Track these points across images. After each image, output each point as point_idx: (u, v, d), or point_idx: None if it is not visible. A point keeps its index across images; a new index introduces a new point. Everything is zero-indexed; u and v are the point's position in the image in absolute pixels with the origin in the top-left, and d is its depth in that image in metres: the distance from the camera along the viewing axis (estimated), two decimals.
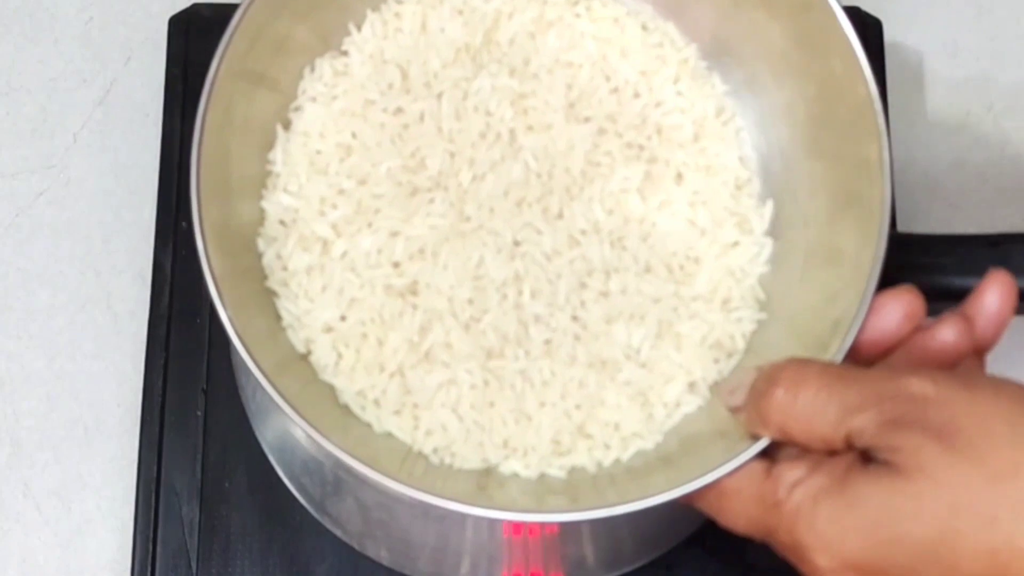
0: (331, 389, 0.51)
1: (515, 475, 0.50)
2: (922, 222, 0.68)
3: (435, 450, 0.50)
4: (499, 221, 0.52)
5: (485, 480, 0.50)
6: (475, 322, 0.51)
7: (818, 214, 0.52)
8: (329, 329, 0.51)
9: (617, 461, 0.51)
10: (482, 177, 0.53)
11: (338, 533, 0.60)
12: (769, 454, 0.45)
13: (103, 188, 0.68)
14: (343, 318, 0.51)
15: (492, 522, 0.54)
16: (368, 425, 0.51)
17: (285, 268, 0.52)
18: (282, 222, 0.53)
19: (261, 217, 0.53)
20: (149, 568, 0.60)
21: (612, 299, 0.52)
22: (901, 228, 0.65)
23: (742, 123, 0.56)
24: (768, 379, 0.45)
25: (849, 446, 0.43)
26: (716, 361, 0.52)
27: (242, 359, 0.60)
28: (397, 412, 0.51)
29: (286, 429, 0.57)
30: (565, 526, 0.56)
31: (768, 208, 0.54)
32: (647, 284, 0.52)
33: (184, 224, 0.64)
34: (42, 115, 0.70)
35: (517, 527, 0.54)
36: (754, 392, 0.46)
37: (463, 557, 0.58)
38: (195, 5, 0.67)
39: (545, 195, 0.53)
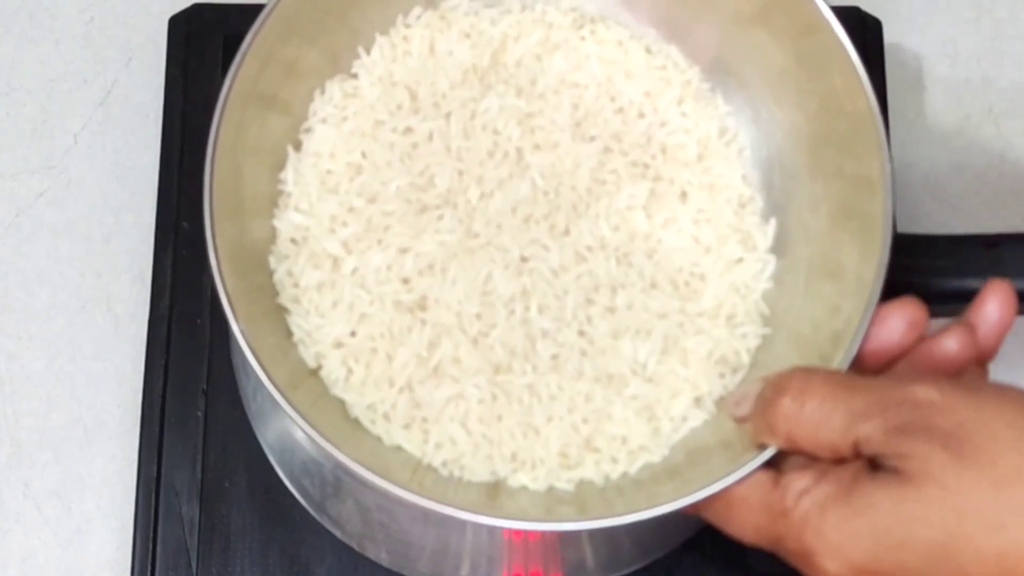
0: (341, 403, 0.52)
1: (524, 488, 0.50)
2: (921, 224, 0.68)
3: (444, 463, 0.51)
4: (507, 237, 0.53)
5: (495, 492, 0.50)
6: (483, 337, 0.52)
7: (820, 229, 0.53)
8: (339, 344, 0.52)
9: (624, 474, 0.51)
10: (490, 194, 0.54)
11: (338, 534, 0.60)
12: (776, 464, 0.45)
13: (103, 189, 0.68)
14: (353, 333, 0.52)
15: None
16: (378, 439, 0.51)
17: (296, 285, 0.53)
18: (293, 240, 0.53)
19: (273, 235, 0.54)
20: (149, 568, 0.60)
21: (619, 315, 0.52)
22: (900, 230, 0.65)
23: (745, 142, 0.56)
24: (775, 388, 0.45)
25: (856, 454, 0.43)
26: (722, 376, 0.53)
27: (244, 362, 0.60)
28: (406, 426, 0.51)
29: (286, 430, 0.58)
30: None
31: (771, 226, 0.55)
32: (653, 300, 0.53)
33: (185, 225, 0.64)
34: (42, 115, 0.69)
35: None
36: (761, 401, 0.46)
37: (463, 559, 0.58)
38: (195, 5, 0.67)
39: (552, 212, 0.53)
